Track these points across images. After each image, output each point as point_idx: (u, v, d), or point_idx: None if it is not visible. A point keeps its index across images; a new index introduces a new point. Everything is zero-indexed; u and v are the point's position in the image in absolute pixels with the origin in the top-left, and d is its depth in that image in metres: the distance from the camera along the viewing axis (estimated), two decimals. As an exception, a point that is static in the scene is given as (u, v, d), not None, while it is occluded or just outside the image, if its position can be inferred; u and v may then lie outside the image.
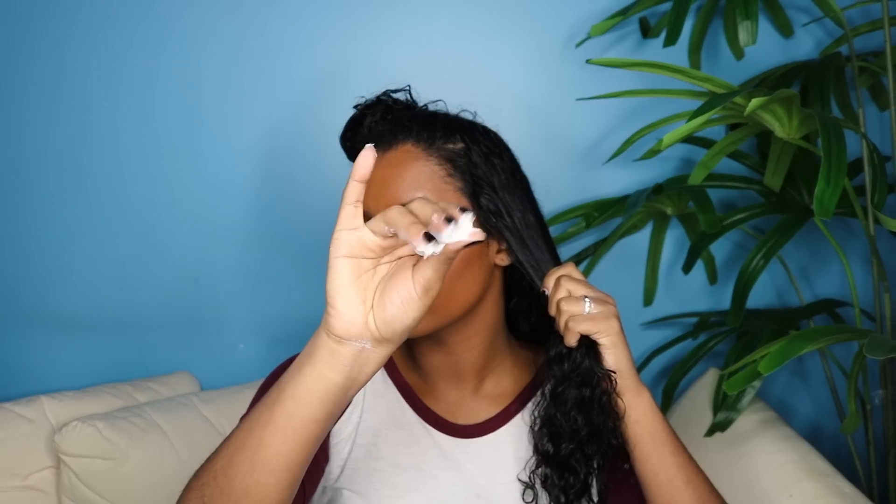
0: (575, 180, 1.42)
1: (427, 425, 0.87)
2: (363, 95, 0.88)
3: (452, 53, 1.39)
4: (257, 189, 1.39)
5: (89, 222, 1.37)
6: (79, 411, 1.22)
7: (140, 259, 1.38)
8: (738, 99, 0.98)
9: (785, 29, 1.40)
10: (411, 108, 0.87)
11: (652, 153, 1.17)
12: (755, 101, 0.92)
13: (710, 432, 1.24)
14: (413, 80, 0.90)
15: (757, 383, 1.23)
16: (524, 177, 0.87)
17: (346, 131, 0.88)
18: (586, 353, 0.80)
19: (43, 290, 1.38)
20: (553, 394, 0.82)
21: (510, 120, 0.90)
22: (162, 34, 1.34)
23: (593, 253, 1.38)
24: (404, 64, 1.38)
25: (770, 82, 1.31)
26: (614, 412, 0.80)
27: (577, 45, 1.37)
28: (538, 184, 0.89)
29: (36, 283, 1.38)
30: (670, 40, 1.18)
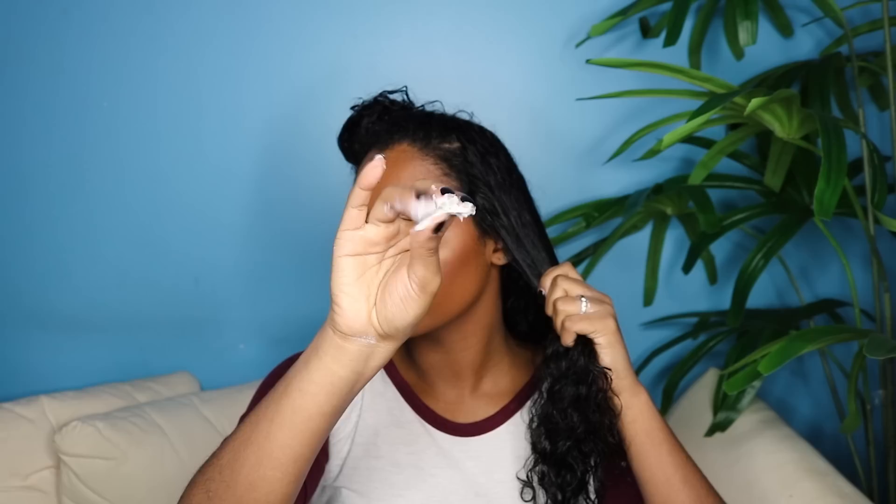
0: (575, 180, 1.42)
1: (426, 424, 0.87)
2: (361, 97, 0.89)
3: (452, 54, 1.39)
4: (257, 189, 1.39)
5: (89, 222, 1.37)
6: (79, 411, 1.22)
7: (140, 259, 1.38)
8: (738, 99, 0.98)
9: (785, 29, 1.40)
10: (408, 108, 0.87)
11: (652, 153, 1.17)
12: (755, 101, 0.92)
13: (710, 432, 1.24)
14: (413, 81, 0.90)
15: (757, 383, 1.23)
16: (520, 176, 0.87)
17: (343, 132, 0.89)
18: (583, 351, 0.80)
19: (43, 290, 1.38)
20: (550, 391, 0.82)
21: (510, 120, 0.90)
22: (162, 34, 1.34)
23: (593, 253, 1.38)
24: (404, 64, 1.38)
25: (770, 82, 1.31)
26: (611, 410, 0.80)
27: (577, 46, 1.37)
28: (538, 184, 0.89)
29: (36, 283, 1.38)
30: (670, 40, 1.18)
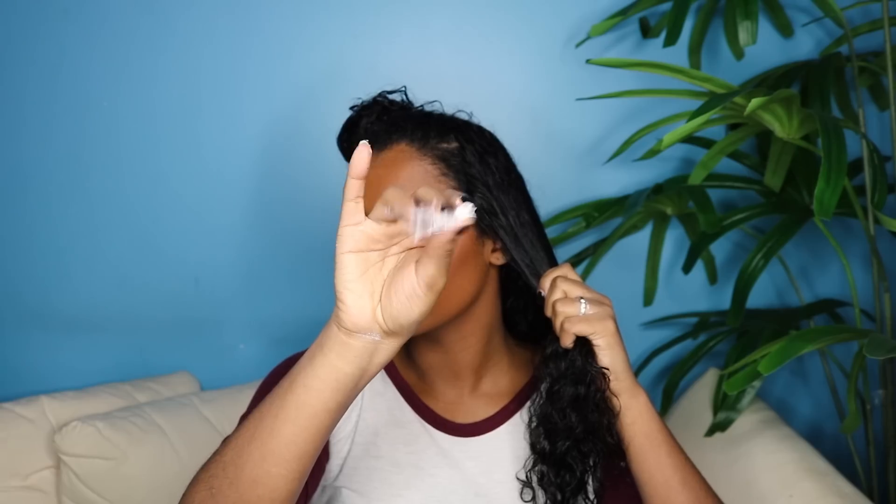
0: (575, 180, 1.42)
1: (426, 424, 0.87)
2: (360, 97, 0.89)
3: (452, 54, 1.39)
4: (257, 189, 1.39)
5: (89, 222, 1.37)
6: (79, 411, 1.22)
7: (140, 259, 1.38)
8: (738, 99, 0.98)
9: (785, 29, 1.40)
10: (407, 108, 0.87)
11: (652, 153, 1.17)
12: (755, 101, 0.92)
13: (710, 432, 1.24)
14: (413, 81, 0.90)
15: (757, 383, 1.23)
16: (519, 176, 0.87)
17: (342, 132, 0.89)
18: (581, 352, 0.80)
19: (43, 291, 1.38)
20: (549, 392, 0.82)
21: (510, 120, 0.90)
22: (162, 34, 1.34)
23: (593, 253, 1.38)
24: (404, 64, 1.38)
25: (770, 82, 1.31)
26: (609, 410, 0.80)
27: (577, 46, 1.37)
28: (538, 184, 0.89)
29: (36, 283, 1.38)
30: (670, 40, 1.18)
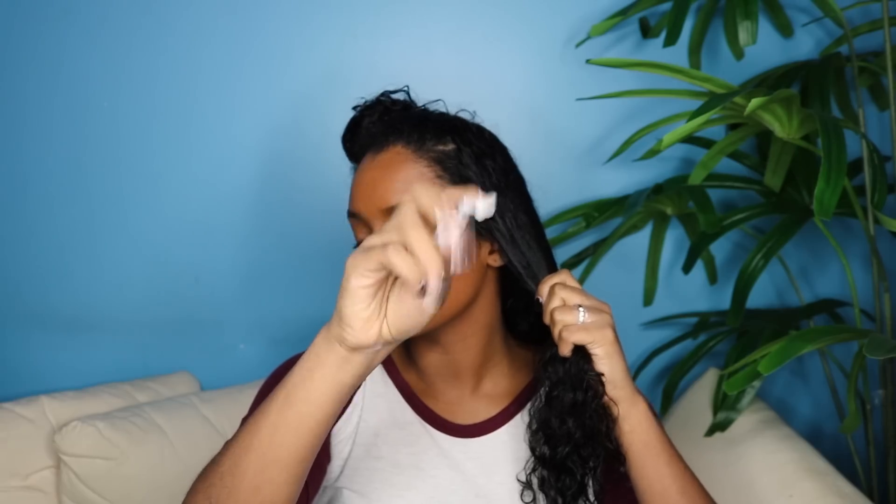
0: (575, 180, 1.42)
1: (426, 425, 0.87)
2: (362, 97, 0.89)
3: (452, 54, 1.39)
4: (257, 189, 1.39)
5: (89, 222, 1.37)
6: (79, 411, 1.22)
7: (140, 259, 1.38)
8: (738, 99, 0.98)
9: (785, 29, 1.40)
10: (409, 108, 0.87)
11: (652, 153, 1.17)
12: (755, 101, 0.92)
13: (710, 432, 1.24)
14: (413, 81, 0.90)
15: (757, 383, 1.23)
16: (518, 177, 0.87)
17: (346, 132, 0.89)
18: (580, 359, 0.80)
19: (43, 291, 1.38)
20: (548, 397, 0.82)
21: (510, 120, 0.90)
22: (162, 34, 1.34)
23: (593, 253, 1.38)
24: (404, 64, 1.38)
25: (770, 82, 1.31)
26: (608, 416, 0.80)
27: (577, 46, 1.37)
28: (538, 184, 0.89)
29: (36, 283, 1.38)
30: (670, 40, 1.18)
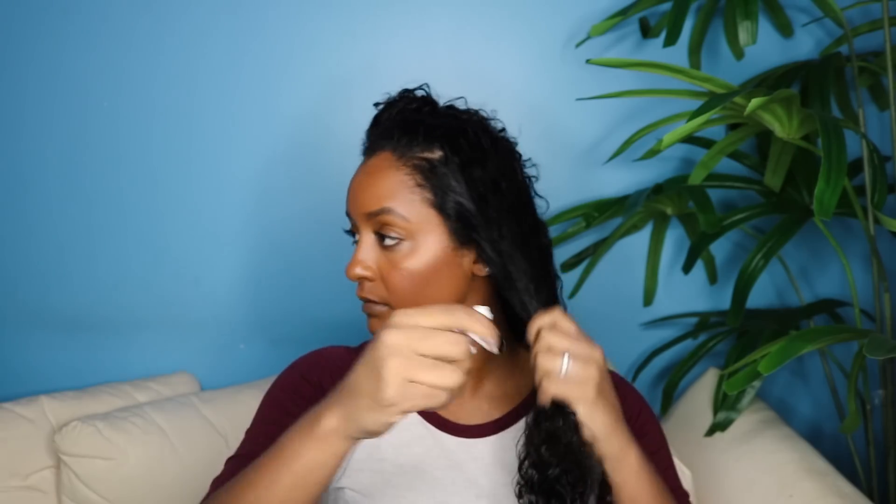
0: (575, 180, 1.42)
1: (429, 425, 0.87)
2: (369, 97, 0.88)
3: (452, 54, 1.39)
4: (257, 189, 1.39)
5: (89, 222, 1.37)
6: (79, 411, 1.22)
7: (140, 259, 1.38)
8: (738, 99, 0.98)
9: (785, 29, 1.40)
10: (422, 107, 0.86)
11: (652, 153, 1.17)
12: (755, 101, 0.92)
13: (710, 432, 1.24)
14: (413, 81, 0.90)
15: (757, 383, 1.23)
16: (515, 184, 0.84)
17: (369, 128, 0.88)
18: (560, 410, 0.76)
19: (42, 290, 1.38)
20: (534, 423, 0.80)
21: (510, 120, 0.90)
22: (162, 34, 1.34)
23: (593, 253, 1.38)
24: (404, 64, 1.38)
25: (770, 82, 1.31)
26: (594, 453, 0.76)
27: (577, 45, 1.37)
28: (537, 184, 0.89)
29: (35, 283, 1.38)
30: (670, 40, 1.18)
